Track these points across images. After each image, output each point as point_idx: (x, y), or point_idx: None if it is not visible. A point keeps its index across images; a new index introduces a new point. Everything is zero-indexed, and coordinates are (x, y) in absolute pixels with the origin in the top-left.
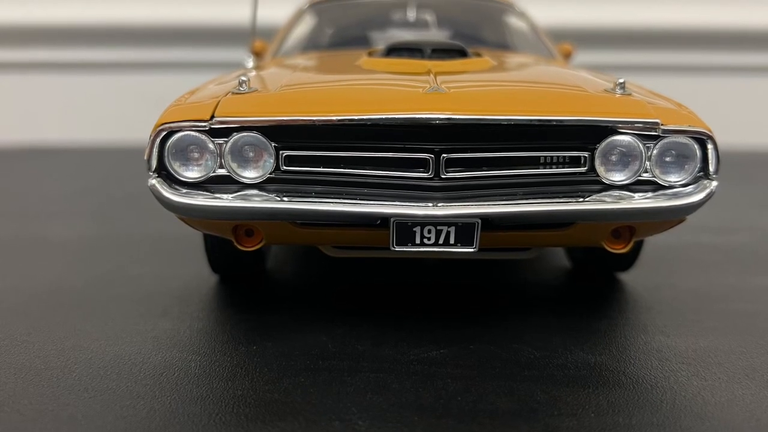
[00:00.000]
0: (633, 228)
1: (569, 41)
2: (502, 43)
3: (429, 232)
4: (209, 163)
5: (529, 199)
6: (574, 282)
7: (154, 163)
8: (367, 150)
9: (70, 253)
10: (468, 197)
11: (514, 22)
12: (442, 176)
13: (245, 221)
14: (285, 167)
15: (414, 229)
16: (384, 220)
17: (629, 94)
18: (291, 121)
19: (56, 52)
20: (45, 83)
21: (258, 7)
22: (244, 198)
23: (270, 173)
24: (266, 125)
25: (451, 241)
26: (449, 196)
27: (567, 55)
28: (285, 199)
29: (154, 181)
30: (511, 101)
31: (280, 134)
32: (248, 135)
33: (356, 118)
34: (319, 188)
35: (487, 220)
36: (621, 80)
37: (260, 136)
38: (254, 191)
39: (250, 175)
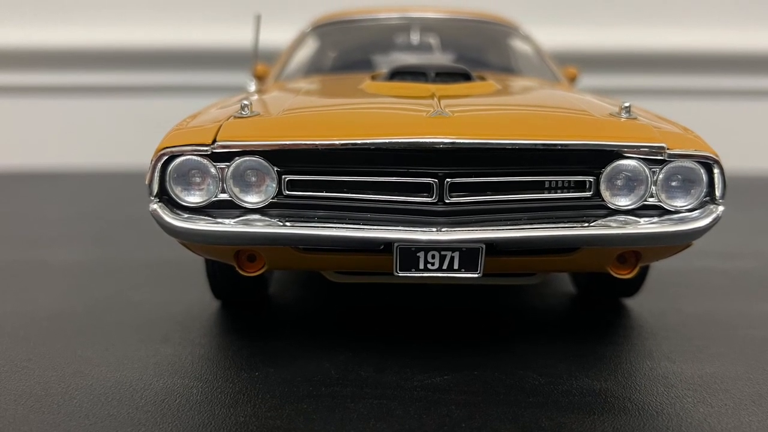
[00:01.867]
0: (638, 253)
1: (575, 65)
2: (506, 66)
3: (433, 257)
4: (211, 187)
5: (534, 224)
6: (579, 308)
7: (155, 188)
8: (370, 174)
9: (70, 277)
10: (472, 222)
11: (519, 45)
12: (446, 201)
13: (247, 246)
14: (287, 192)
15: (417, 255)
16: (387, 245)
17: (635, 118)
18: (293, 145)
19: (56, 75)
20: (45, 107)
21: (260, 30)
22: (246, 223)
23: (272, 198)
24: (268, 149)
25: (455, 267)
26: (453, 221)
27: (572, 79)
28: (287, 224)
29: (155, 206)
30: (516, 125)
31: (283, 158)
32: (250, 159)
33: (359, 142)
34: (321, 213)
35: (492, 245)
36: (626, 104)
37: (262, 161)
38: (256, 216)
39: (252, 199)
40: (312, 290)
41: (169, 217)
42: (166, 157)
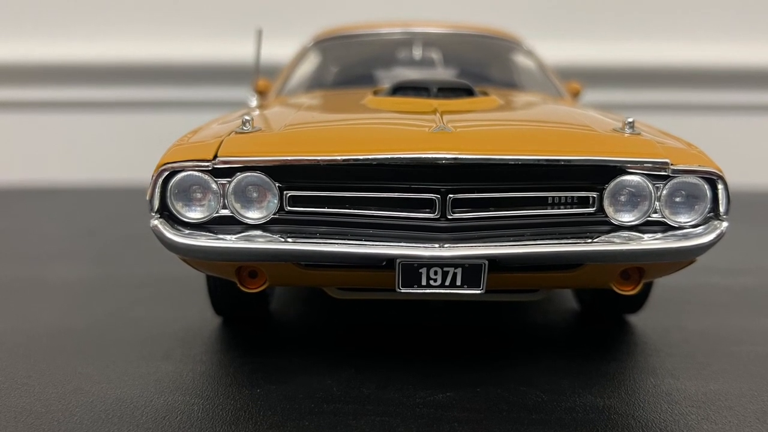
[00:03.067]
0: (642, 269)
1: (578, 80)
2: (509, 81)
3: (435, 273)
4: (212, 203)
5: (537, 240)
6: (583, 324)
7: (156, 204)
8: (372, 190)
9: (71, 294)
10: (475, 238)
11: (522, 60)
12: (449, 217)
13: (248, 263)
14: (289, 207)
15: (420, 271)
16: (389, 261)
17: (638, 134)
18: (295, 161)
19: (57, 90)
20: (45, 122)
21: (262, 45)
22: (248, 239)
23: (274, 214)
24: (270, 165)
25: (458, 283)
26: (456, 237)
27: (575, 94)
28: (289, 240)
29: (156, 222)
30: (519, 141)
31: (284, 174)
32: (252, 175)
33: (361, 158)
34: (323, 229)
35: (494, 262)
36: (630, 119)
37: (264, 176)
38: (258, 232)
39: (253, 215)
40: (314, 306)
41: (170, 233)
42: (167, 173)
